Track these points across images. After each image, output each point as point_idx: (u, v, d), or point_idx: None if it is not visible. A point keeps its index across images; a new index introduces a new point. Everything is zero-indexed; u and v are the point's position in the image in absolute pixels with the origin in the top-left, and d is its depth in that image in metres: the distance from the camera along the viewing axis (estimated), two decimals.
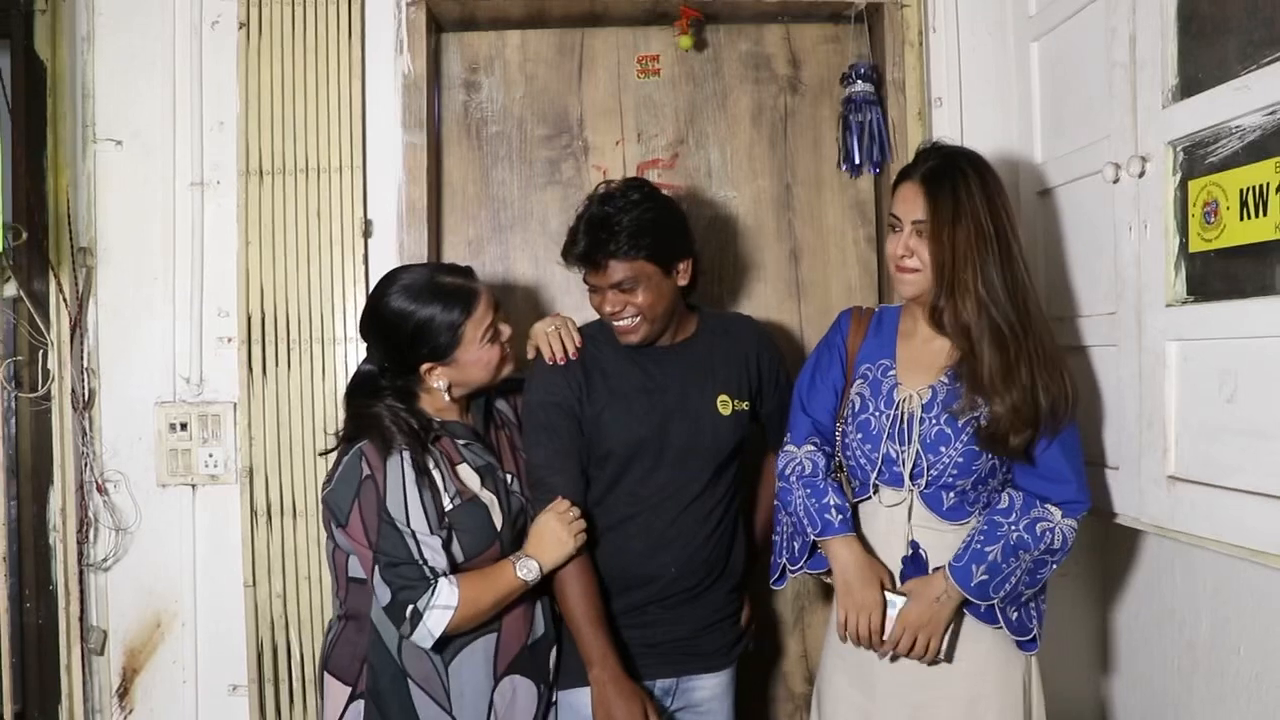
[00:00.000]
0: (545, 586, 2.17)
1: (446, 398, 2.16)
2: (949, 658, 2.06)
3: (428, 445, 2.09)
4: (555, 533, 2.12)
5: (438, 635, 1.97)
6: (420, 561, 1.98)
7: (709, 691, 2.32)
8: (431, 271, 2.18)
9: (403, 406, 2.12)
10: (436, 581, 1.98)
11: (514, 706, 2.14)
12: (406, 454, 2.04)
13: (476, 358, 2.14)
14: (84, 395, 2.65)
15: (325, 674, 2.13)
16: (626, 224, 2.14)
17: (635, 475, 2.25)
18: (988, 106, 2.80)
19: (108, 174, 2.71)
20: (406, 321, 2.09)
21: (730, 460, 2.33)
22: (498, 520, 2.12)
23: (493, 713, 2.10)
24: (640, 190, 2.23)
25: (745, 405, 2.34)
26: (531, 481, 2.22)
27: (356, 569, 2.08)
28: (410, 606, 1.96)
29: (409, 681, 2.05)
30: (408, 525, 1.99)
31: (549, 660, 2.23)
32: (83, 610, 2.64)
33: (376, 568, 2.00)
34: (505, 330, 2.18)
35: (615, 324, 2.23)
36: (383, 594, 1.99)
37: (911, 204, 2.05)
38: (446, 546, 2.03)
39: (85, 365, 2.66)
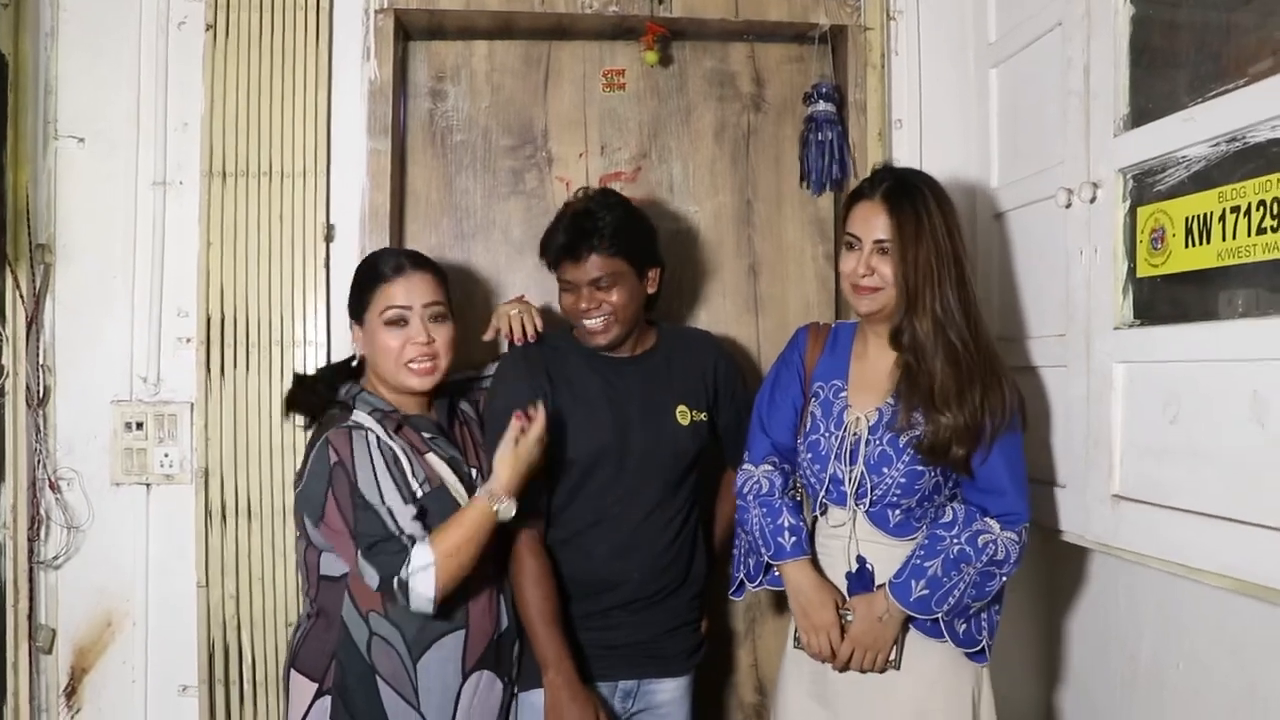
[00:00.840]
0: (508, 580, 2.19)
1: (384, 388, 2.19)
2: (898, 665, 2.10)
3: (391, 433, 2.10)
4: (501, 453, 2.05)
5: (433, 595, 1.95)
6: (398, 534, 1.98)
7: (668, 695, 2.35)
8: (403, 249, 2.30)
9: (359, 387, 2.18)
10: (409, 547, 1.96)
11: (480, 701, 2.15)
12: (372, 435, 2.06)
13: (374, 334, 2.15)
14: (39, 392, 2.63)
15: (291, 671, 2.12)
16: (610, 221, 2.21)
17: (598, 482, 2.28)
18: (947, 130, 2.86)
19: (69, 171, 2.68)
20: (358, 270, 2.24)
21: (690, 470, 2.37)
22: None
23: (458, 708, 2.10)
24: (618, 196, 2.33)
25: (703, 416, 2.39)
26: None
27: (328, 567, 2.09)
28: (395, 579, 1.95)
29: (377, 678, 2.05)
30: (382, 502, 1.99)
31: (513, 654, 2.24)
32: (31, 608, 2.61)
33: (359, 554, 1.98)
34: (418, 331, 2.14)
35: (586, 323, 2.26)
36: (371, 577, 1.98)
37: (872, 223, 2.08)
38: (420, 519, 2.02)
39: (41, 362, 2.64)
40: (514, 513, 2.03)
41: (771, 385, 2.32)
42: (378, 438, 2.06)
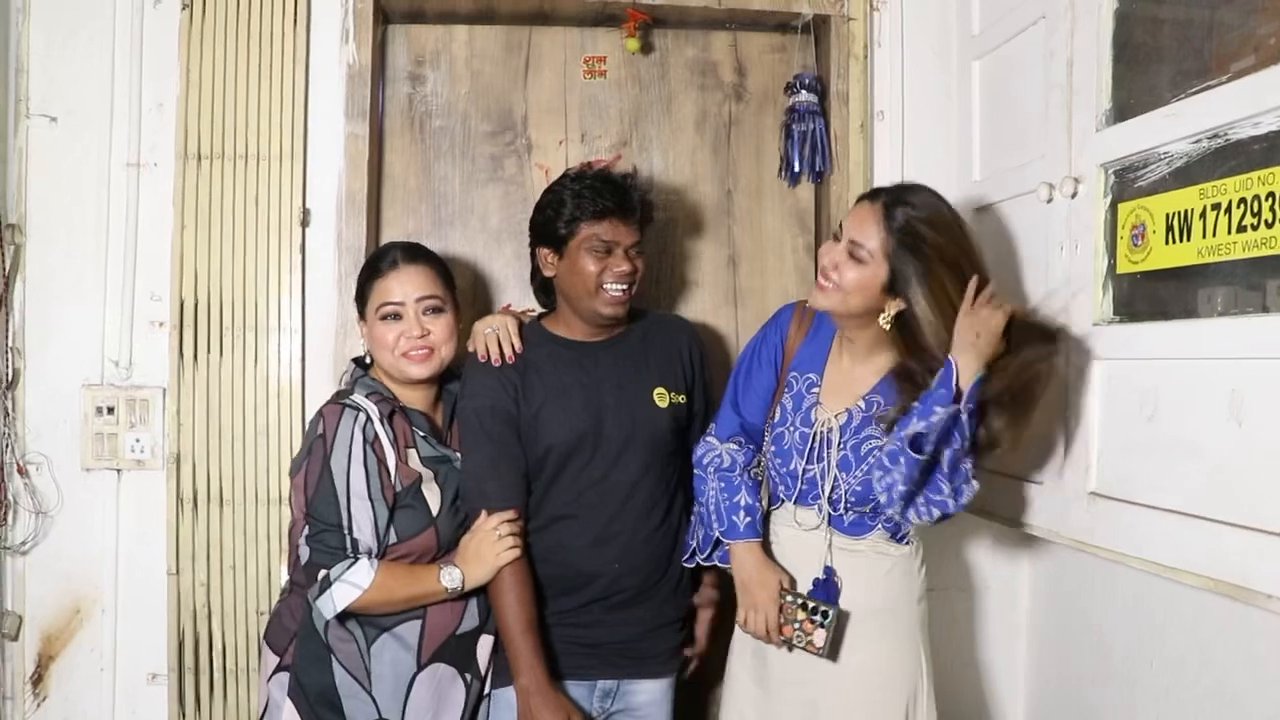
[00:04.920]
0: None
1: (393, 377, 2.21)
2: (833, 657, 2.10)
3: (384, 418, 2.12)
4: (479, 553, 2.13)
5: (339, 609, 2.00)
6: (345, 529, 2.02)
7: (649, 696, 2.31)
8: (403, 242, 2.31)
9: (363, 373, 2.21)
10: (358, 558, 2.01)
11: (436, 694, 2.13)
12: (362, 415, 2.08)
13: (373, 328, 2.20)
14: (7, 375, 2.59)
15: (263, 642, 2.18)
16: (638, 193, 2.26)
17: (574, 470, 2.24)
18: (929, 122, 2.85)
19: (40, 150, 2.64)
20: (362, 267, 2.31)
21: (671, 455, 2.33)
22: (434, 506, 2.12)
23: (410, 697, 2.09)
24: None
25: (682, 399, 2.35)
26: (465, 488, 2.20)
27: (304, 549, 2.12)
28: (323, 571, 2.00)
29: (333, 659, 2.07)
30: (346, 487, 2.02)
31: (477, 651, 2.21)
32: None
33: (305, 530, 2.04)
34: (412, 325, 2.17)
35: (614, 290, 2.22)
36: (304, 553, 2.05)
37: (862, 228, 2.00)
38: (381, 521, 2.05)
39: (10, 344, 2.60)
40: (462, 587, 2.11)
41: (749, 361, 2.30)
42: (367, 418, 2.08)
